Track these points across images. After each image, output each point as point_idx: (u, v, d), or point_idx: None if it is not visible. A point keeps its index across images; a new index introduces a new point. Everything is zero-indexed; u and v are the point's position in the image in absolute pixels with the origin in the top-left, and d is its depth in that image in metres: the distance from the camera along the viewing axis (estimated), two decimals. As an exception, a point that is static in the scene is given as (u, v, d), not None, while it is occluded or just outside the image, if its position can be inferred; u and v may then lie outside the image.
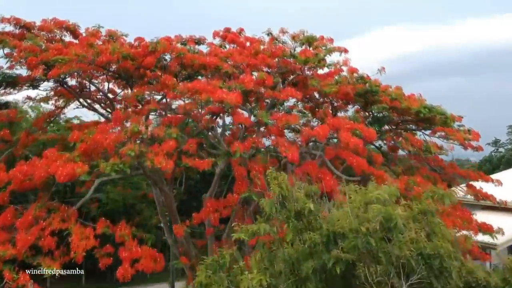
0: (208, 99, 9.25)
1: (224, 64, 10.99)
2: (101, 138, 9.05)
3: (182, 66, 11.38)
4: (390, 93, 12.07)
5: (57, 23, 12.70)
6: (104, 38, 11.84)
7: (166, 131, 9.41)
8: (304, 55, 11.07)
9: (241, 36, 14.14)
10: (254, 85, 10.27)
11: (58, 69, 10.27)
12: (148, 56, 10.06)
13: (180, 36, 12.49)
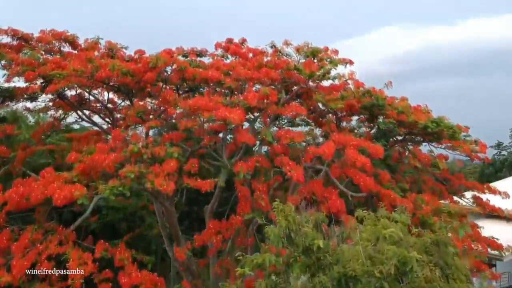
0: (211, 118, 8.96)
1: (227, 79, 10.70)
2: (100, 158, 8.78)
3: (183, 79, 11.08)
4: (396, 106, 11.76)
5: (55, 35, 12.42)
6: (103, 51, 11.53)
7: (167, 151, 9.14)
8: (309, 69, 10.77)
9: (243, 47, 13.87)
10: (258, 101, 9.96)
11: (56, 85, 10.01)
12: (148, 72, 9.76)
13: (181, 48, 12.22)
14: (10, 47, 12.44)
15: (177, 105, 9.99)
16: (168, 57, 10.82)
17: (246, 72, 10.99)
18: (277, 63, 11.87)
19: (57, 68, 10.87)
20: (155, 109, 10.81)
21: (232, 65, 11.54)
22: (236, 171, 8.87)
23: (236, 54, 12.50)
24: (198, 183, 8.85)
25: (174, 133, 10.03)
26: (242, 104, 9.70)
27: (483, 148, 14.35)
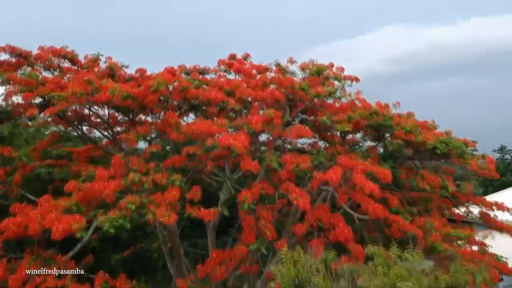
0: (214, 145, 8.66)
1: (230, 100, 10.40)
2: (99, 186, 8.51)
3: (185, 99, 10.81)
4: (404, 126, 11.46)
5: (54, 51, 12.14)
6: (103, 69, 11.24)
7: (169, 178, 8.86)
8: (315, 91, 10.48)
9: (246, 62, 13.60)
10: (262, 123, 9.67)
11: (54, 108, 9.72)
12: (150, 95, 9.47)
13: (183, 65, 11.94)
14: (9, 64, 12.20)
15: (178, 129, 9.69)
16: (170, 77, 10.53)
17: (250, 92, 10.72)
18: (281, 80, 11.59)
19: (56, 88, 10.60)
20: (156, 132, 10.50)
21: (235, 84, 11.23)
22: (240, 200, 8.59)
23: (239, 72, 12.21)
24: (201, 212, 8.59)
25: (176, 157, 9.76)
26: (246, 128, 9.41)
27: (492, 166, 14.10)
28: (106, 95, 9.37)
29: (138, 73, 11.31)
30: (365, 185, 9.12)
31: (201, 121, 9.74)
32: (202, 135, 9.23)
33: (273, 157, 9.23)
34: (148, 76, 11.36)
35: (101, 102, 9.66)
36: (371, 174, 9.61)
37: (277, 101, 10.91)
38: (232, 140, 8.62)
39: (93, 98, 9.76)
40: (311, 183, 9.40)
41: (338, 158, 10.33)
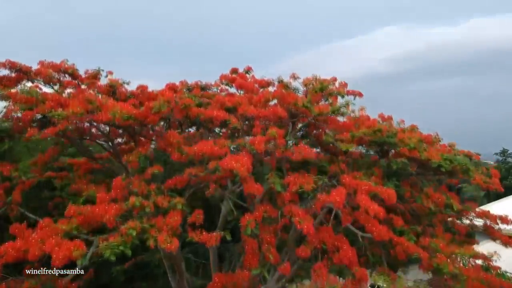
0: (217, 168, 8.54)
1: (233, 119, 10.28)
2: (100, 211, 8.38)
3: (187, 116, 10.70)
4: (408, 143, 11.34)
5: (54, 67, 12.04)
6: (104, 86, 11.09)
7: (170, 201, 8.74)
8: (318, 109, 10.34)
9: (248, 76, 13.50)
10: (265, 143, 9.55)
11: (54, 128, 9.59)
12: (151, 116, 9.34)
13: (185, 81, 11.83)
14: (9, 79, 12.09)
15: (181, 149, 9.56)
16: (172, 95, 10.40)
17: (253, 110, 10.59)
18: (284, 96, 11.47)
19: (56, 105, 10.47)
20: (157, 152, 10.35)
21: (238, 101, 11.10)
22: (243, 225, 8.46)
23: (241, 88, 12.07)
24: (203, 237, 8.46)
25: (178, 178, 9.63)
26: (249, 149, 9.30)
27: (496, 181, 14.00)
28: (107, 115, 9.23)
29: (139, 89, 11.16)
30: (370, 207, 9.00)
31: (203, 141, 9.58)
32: (204, 156, 9.13)
33: (277, 180, 9.10)
34: (149, 93, 11.24)
35: (102, 121, 9.50)
36: (376, 195, 9.52)
37: (280, 119, 10.78)
38: (235, 163, 8.48)
39: (94, 117, 9.63)
40: (314, 205, 9.27)
41: (342, 177, 10.22)
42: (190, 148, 9.23)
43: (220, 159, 9.01)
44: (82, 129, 11.62)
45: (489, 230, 13.99)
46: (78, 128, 11.38)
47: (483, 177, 13.20)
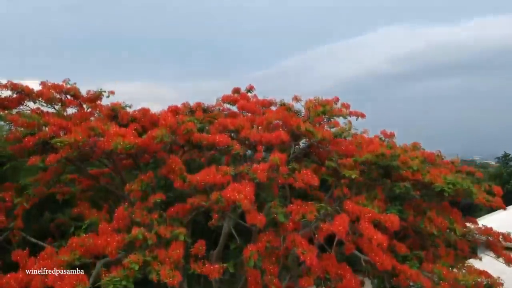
0: (219, 199, 8.51)
1: (235, 145, 10.25)
2: (103, 243, 8.35)
3: (189, 141, 10.69)
4: (411, 165, 11.30)
5: (56, 87, 12.02)
6: (106, 109, 11.06)
7: (172, 232, 8.71)
8: (321, 135, 10.30)
9: (250, 95, 13.48)
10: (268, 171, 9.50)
11: (56, 155, 9.58)
12: (154, 145, 9.30)
13: (187, 103, 11.79)
14: (11, 100, 12.08)
15: (183, 176, 9.53)
16: (174, 120, 10.38)
17: (256, 135, 10.56)
18: (286, 119, 11.44)
19: (58, 129, 10.47)
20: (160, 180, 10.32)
21: (240, 124, 11.07)
22: (246, 256, 8.43)
23: (244, 109, 12.03)
24: (205, 269, 8.42)
25: (180, 206, 9.61)
26: (252, 177, 9.26)
27: (499, 200, 14.00)
28: (109, 143, 9.20)
29: (141, 112, 11.11)
30: (373, 236, 8.98)
31: (206, 169, 9.55)
32: (207, 185, 9.11)
33: (279, 209, 9.06)
34: (151, 116, 11.20)
35: (104, 149, 9.47)
36: (379, 222, 9.50)
37: (282, 142, 10.73)
38: (238, 194, 8.44)
39: (97, 144, 9.61)
40: (317, 234, 9.24)
41: (345, 203, 10.18)
42: (193, 176, 9.20)
43: (222, 188, 9.00)
44: (84, 154, 11.59)
45: (492, 248, 13.93)
46: (80, 154, 11.38)
47: (486, 196, 13.16)
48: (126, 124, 10.74)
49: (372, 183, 11.80)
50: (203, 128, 11.00)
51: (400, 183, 10.89)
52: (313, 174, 9.86)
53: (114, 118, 11.07)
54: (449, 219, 11.40)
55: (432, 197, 12.65)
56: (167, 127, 10.26)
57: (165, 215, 9.41)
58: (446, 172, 12.24)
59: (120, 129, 9.78)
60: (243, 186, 8.91)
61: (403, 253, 10.26)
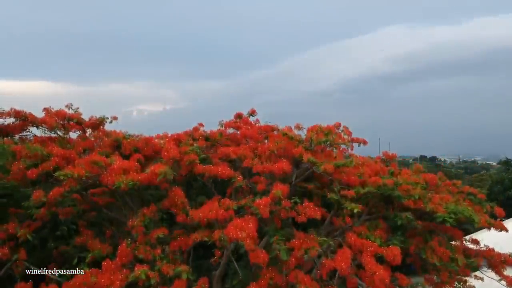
0: (222, 238, 8.56)
1: (238, 177, 10.30)
2: (106, 281, 8.40)
3: (191, 172, 10.74)
4: (413, 194, 11.33)
5: (59, 115, 12.07)
6: (109, 141, 11.10)
7: (175, 269, 8.76)
8: (323, 168, 10.33)
9: (252, 120, 13.56)
10: (270, 205, 9.55)
11: (59, 189, 9.63)
12: (156, 181, 9.34)
13: (190, 132, 11.84)
14: (14, 128, 12.14)
15: (186, 211, 9.59)
16: (176, 151, 10.43)
17: (258, 167, 10.60)
18: (289, 148, 11.50)
19: (61, 160, 10.50)
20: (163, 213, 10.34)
21: (243, 154, 11.12)
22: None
23: (246, 136, 12.07)
24: (209, 307, 8.48)
25: (183, 240, 9.65)
26: (254, 212, 9.30)
27: (500, 215, 14.13)
28: (112, 179, 9.25)
29: (143, 141, 11.15)
30: (376, 272, 9.03)
31: (209, 204, 9.60)
32: (209, 221, 9.17)
33: (282, 246, 9.10)
34: (154, 145, 11.24)
35: (107, 184, 9.52)
36: (381, 256, 9.56)
37: (285, 173, 10.78)
38: (240, 232, 8.48)
39: (100, 178, 9.66)
40: (320, 270, 9.30)
41: (347, 236, 10.23)
42: (195, 212, 9.25)
43: (225, 224, 9.07)
44: (87, 185, 11.62)
45: (494, 270, 13.95)
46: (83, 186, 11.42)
47: (488, 219, 13.19)
48: (128, 155, 10.78)
49: (374, 212, 11.83)
50: (205, 159, 11.03)
51: (402, 214, 10.88)
52: (315, 207, 9.90)
53: (117, 148, 11.11)
54: (451, 248, 11.42)
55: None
56: (170, 159, 10.35)
57: (168, 249, 9.46)
58: (447, 198, 12.24)
59: (123, 162, 9.81)
60: (246, 222, 8.96)
61: (405, 285, 10.29)
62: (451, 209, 11.23)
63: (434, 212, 11.16)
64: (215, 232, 8.69)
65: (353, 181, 10.82)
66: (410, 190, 11.45)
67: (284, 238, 9.64)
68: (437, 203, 11.53)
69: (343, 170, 11.35)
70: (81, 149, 11.11)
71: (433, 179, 14.00)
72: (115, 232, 12.51)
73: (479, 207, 15.23)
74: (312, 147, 11.64)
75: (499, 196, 52.19)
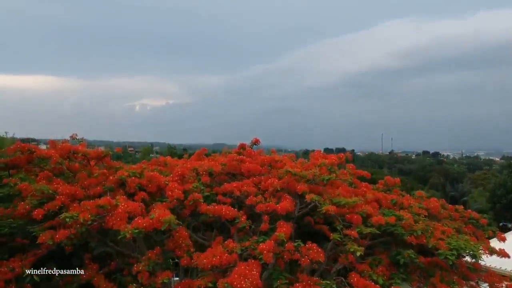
0: (226, 286, 8.66)
1: (241, 217, 10.44)
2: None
3: (195, 211, 10.88)
4: (415, 229, 11.43)
5: (64, 149, 12.20)
6: (114, 179, 11.19)
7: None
8: (326, 209, 10.44)
9: (256, 147, 13.66)
10: (274, 248, 9.67)
11: (64, 231, 9.73)
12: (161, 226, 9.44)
13: (194, 168, 11.94)
14: (19, 160, 12.28)
15: (190, 253, 9.72)
16: (181, 192, 10.57)
17: (261, 206, 10.72)
18: (292, 184, 11.61)
19: (67, 199, 10.63)
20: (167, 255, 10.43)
21: (246, 191, 11.24)
22: None
23: (249, 171, 12.16)
24: None
25: (188, 282, 9.78)
26: (258, 257, 9.42)
27: (502, 240, 14.21)
28: (117, 224, 9.37)
29: (147, 179, 11.22)
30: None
31: (212, 249, 9.72)
32: (213, 267, 9.28)
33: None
34: (158, 182, 11.33)
35: (113, 228, 9.63)
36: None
37: (288, 211, 10.88)
38: (244, 281, 8.58)
39: (105, 221, 9.76)
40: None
41: (349, 276, 10.35)
42: (199, 258, 9.36)
43: (229, 268, 9.21)
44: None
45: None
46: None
47: (490, 247, 13.30)
48: (133, 194, 10.89)
49: (377, 247, 11.95)
50: (209, 197, 11.14)
51: (404, 252, 10.99)
52: (318, 249, 9.99)
53: (121, 185, 11.22)
54: (453, 283, 11.52)
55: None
56: (174, 199, 10.47)
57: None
58: (449, 231, 12.30)
59: (127, 204, 9.88)
60: (250, 268, 9.07)
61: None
62: (453, 245, 11.32)
63: (436, 248, 11.27)
64: (219, 281, 8.77)
65: (356, 220, 10.88)
66: (412, 226, 11.54)
67: (287, 281, 9.75)
68: (439, 238, 11.63)
69: (346, 210, 11.42)
70: (86, 187, 11.22)
71: (435, 207, 14.09)
72: (119, 264, 12.64)
73: (481, 232, 15.36)
74: (316, 181, 11.73)
75: (501, 199, 52.25)
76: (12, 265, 10.49)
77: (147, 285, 9.53)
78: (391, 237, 11.92)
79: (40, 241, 9.80)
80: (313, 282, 9.71)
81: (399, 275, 11.01)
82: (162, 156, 16.86)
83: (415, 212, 12.94)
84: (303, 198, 11.64)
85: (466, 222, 15.37)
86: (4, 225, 10.49)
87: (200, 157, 15.15)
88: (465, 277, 13.80)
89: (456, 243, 11.41)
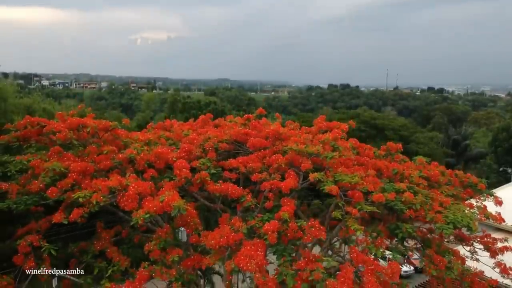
0: (234, 269, 9.22)
1: (247, 196, 10.87)
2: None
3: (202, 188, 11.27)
4: (414, 202, 11.84)
5: (72, 124, 12.38)
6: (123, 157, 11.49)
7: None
8: (328, 189, 10.80)
9: (261, 119, 13.77)
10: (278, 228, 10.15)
11: (78, 210, 10.16)
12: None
13: (201, 145, 12.21)
14: (31, 135, 12.52)
15: (198, 232, 10.23)
16: (188, 169, 10.92)
17: (265, 185, 11.07)
18: (296, 159, 11.89)
19: (78, 175, 10.98)
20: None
21: (252, 167, 11.60)
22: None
23: (255, 146, 12.41)
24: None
25: (197, 258, 10.37)
26: (263, 237, 9.90)
27: (499, 204, 14.54)
28: (129, 205, 9.76)
29: (156, 156, 11.51)
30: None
31: (221, 228, 10.19)
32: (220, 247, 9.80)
33: (289, 272, 9.73)
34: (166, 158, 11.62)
35: (124, 209, 10.04)
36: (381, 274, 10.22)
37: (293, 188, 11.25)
38: (249, 262, 9.09)
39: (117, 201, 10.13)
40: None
41: (350, 251, 10.89)
42: (207, 237, 9.86)
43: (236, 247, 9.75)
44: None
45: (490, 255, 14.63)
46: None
47: (486, 213, 13.82)
48: (143, 171, 11.24)
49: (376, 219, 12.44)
50: (217, 175, 11.49)
51: (402, 226, 11.47)
52: (320, 227, 10.44)
53: (131, 162, 11.53)
54: (448, 253, 12.09)
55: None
56: (182, 178, 10.83)
57: (182, 269, 10.20)
58: (447, 202, 12.68)
59: (137, 185, 10.20)
60: (255, 248, 9.57)
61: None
62: (450, 219, 11.75)
63: (434, 221, 11.71)
64: (226, 262, 9.31)
65: (357, 197, 11.24)
66: (411, 201, 11.90)
67: (290, 258, 10.28)
68: (436, 211, 12.04)
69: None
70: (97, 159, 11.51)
71: (435, 175, 14.42)
72: (131, 233, 13.30)
73: (478, 196, 15.75)
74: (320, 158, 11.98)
75: (503, 144, 52.64)
76: (30, 239, 11.10)
77: (158, 262, 10.16)
78: (391, 211, 12.37)
79: (55, 221, 10.28)
80: (315, 259, 10.22)
81: (397, 250, 11.56)
82: (168, 120, 16.94)
83: (415, 182, 13.28)
84: (307, 173, 11.96)
85: (465, 186, 15.77)
86: (20, 202, 10.94)
87: (206, 123, 15.35)
88: (461, 240, 14.51)
89: (453, 217, 11.81)
